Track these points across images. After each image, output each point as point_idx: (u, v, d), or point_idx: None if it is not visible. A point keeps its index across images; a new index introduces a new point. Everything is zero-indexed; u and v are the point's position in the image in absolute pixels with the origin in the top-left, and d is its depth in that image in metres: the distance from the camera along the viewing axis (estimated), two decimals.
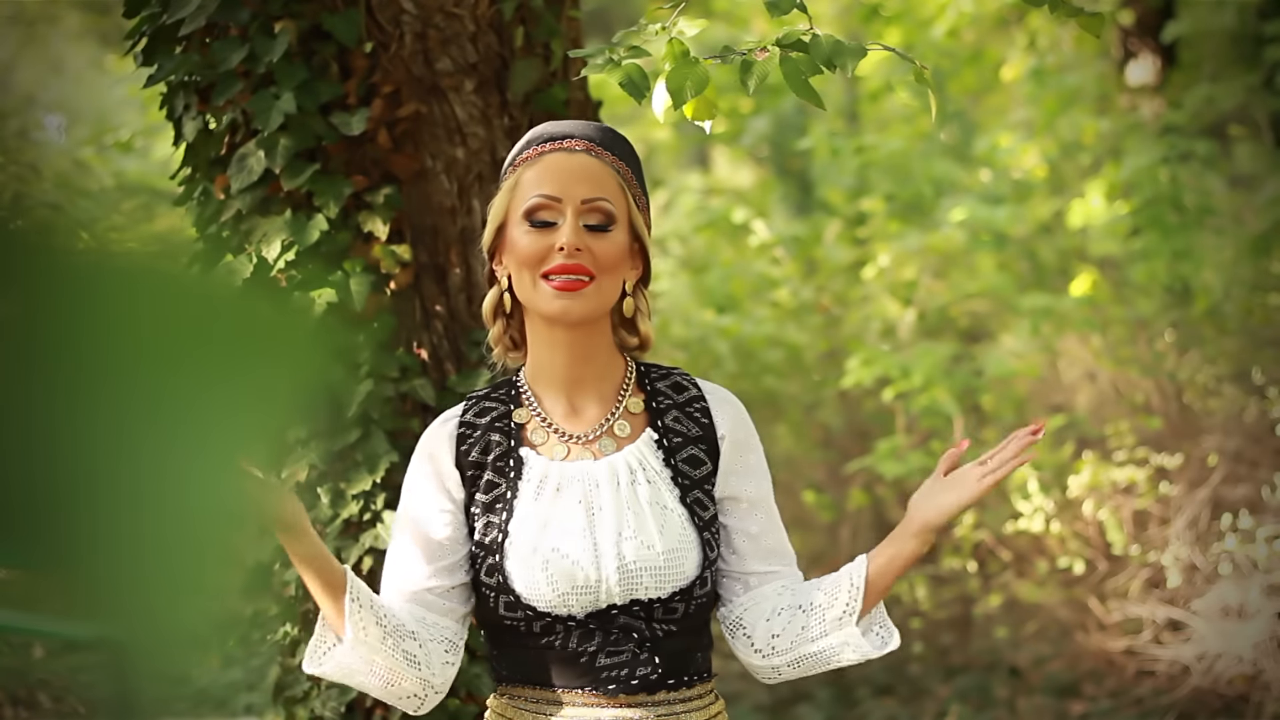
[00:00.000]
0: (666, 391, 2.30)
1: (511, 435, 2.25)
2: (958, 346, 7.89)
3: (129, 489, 0.70)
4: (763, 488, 2.29)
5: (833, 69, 2.41)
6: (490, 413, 2.27)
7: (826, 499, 7.97)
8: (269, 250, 3.23)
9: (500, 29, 3.36)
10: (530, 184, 2.22)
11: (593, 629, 2.17)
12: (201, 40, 3.30)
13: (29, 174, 6.80)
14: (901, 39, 9.59)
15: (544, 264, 2.18)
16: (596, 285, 2.19)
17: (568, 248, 2.16)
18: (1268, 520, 6.25)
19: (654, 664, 2.17)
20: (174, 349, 0.71)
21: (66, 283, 0.69)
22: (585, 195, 2.20)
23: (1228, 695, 6.35)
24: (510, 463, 2.23)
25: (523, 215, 2.21)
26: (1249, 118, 9.13)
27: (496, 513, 2.21)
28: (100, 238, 0.71)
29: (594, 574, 2.15)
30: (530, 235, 2.19)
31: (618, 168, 2.26)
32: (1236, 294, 7.46)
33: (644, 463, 2.23)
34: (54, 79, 14.98)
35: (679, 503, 2.21)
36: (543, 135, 2.28)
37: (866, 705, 7.23)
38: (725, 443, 2.28)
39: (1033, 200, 8.80)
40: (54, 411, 0.69)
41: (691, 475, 2.25)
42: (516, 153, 2.30)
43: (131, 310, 0.70)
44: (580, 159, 2.23)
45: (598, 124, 2.32)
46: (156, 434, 0.70)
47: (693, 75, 2.39)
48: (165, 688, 0.74)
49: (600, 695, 2.17)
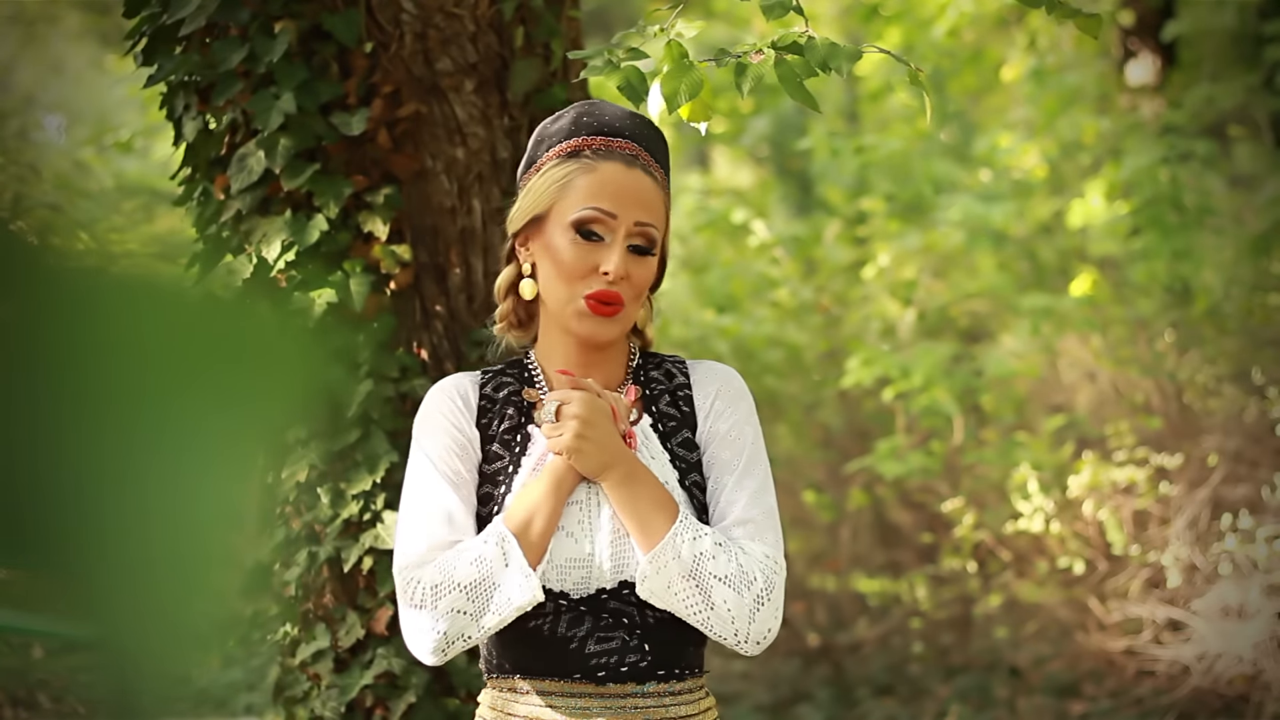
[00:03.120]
0: (659, 378, 2.33)
1: (523, 412, 2.28)
2: (958, 346, 7.89)
3: (128, 492, 0.70)
4: (725, 454, 2.26)
5: (828, 71, 2.41)
6: (506, 387, 2.30)
7: (826, 499, 7.97)
8: (269, 250, 3.23)
9: (500, 29, 3.36)
10: (585, 193, 2.21)
11: (583, 612, 2.18)
12: (201, 40, 3.30)
13: (29, 174, 6.80)
14: (901, 39, 9.59)
15: (585, 281, 2.20)
16: (626, 311, 2.22)
17: (614, 274, 2.18)
18: (1268, 520, 6.25)
19: (644, 651, 2.18)
20: (171, 352, 0.71)
21: (64, 285, 0.69)
22: (639, 219, 2.21)
23: (1228, 695, 6.35)
24: (517, 438, 2.26)
25: (572, 223, 2.20)
26: (1249, 118, 9.13)
27: (496, 484, 2.24)
28: (99, 239, 0.71)
29: (588, 547, 2.18)
30: (577, 247, 2.20)
31: (664, 186, 2.27)
32: (1236, 294, 7.46)
33: (645, 443, 2.26)
34: (54, 79, 14.98)
35: (678, 485, 2.24)
36: (594, 124, 2.26)
37: (866, 705, 7.23)
38: (700, 414, 2.30)
39: (1033, 200, 8.80)
40: (52, 414, 0.69)
41: (688, 459, 2.27)
42: (560, 134, 2.27)
43: (129, 313, 0.70)
44: (637, 177, 2.22)
45: (642, 120, 2.31)
46: (154, 436, 0.70)
47: (688, 79, 2.39)
48: (166, 688, 0.74)
49: (590, 683, 2.18)
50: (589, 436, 2.16)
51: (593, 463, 2.17)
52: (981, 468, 7.38)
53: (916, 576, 7.81)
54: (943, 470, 7.46)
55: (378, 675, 3.22)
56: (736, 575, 2.15)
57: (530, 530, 2.14)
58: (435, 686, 3.24)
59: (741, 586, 2.15)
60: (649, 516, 2.15)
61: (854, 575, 8.23)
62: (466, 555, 2.14)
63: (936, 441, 7.46)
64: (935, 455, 7.36)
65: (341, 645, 3.26)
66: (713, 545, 2.15)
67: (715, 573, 2.14)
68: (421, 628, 2.14)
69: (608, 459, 2.17)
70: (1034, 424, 7.77)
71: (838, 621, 8.10)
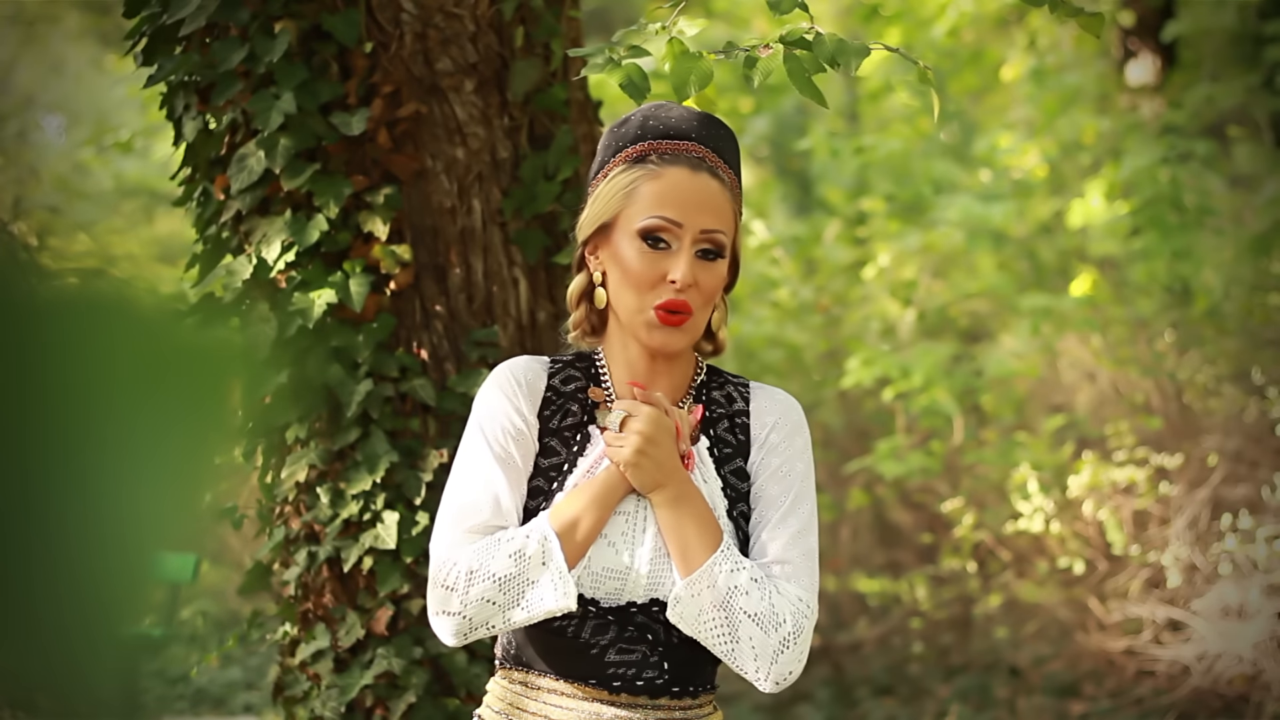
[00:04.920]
0: (720, 401, 2.31)
1: (586, 410, 2.26)
2: (958, 346, 7.89)
3: (50, 514, 0.70)
4: (774, 490, 2.25)
5: (836, 67, 2.41)
6: (573, 382, 2.28)
7: (826, 499, 7.96)
8: (269, 251, 3.23)
9: (500, 29, 3.35)
10: (651, 201, 2.19)
11: (610, 622, 2.17)
12: (201, 40, 3.30)
13: (29, 175, 6.80)
14: (901, 39, 9.59)
15: (654, 290, 2.18)
16: (695, 319, 2.20)
17: (681, 283, 2.16)
18: (1268, 520, 6.25)
19: (662, 669, 2.18)
20: (100, 373, 0.70)
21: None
22: (705, 226, 2.18)
23: (1228, 695, 6.35)
24: (578, 436, 2.24)
25: (638, 231, 2.18)
26: (1249, 118, 9.13)
27: (550, 480, 2.22)
28: (98, 240, 0.71)
29: (627, 559, 2.16)
30: (645, 257, 2.18)
31: (733, 187, 2.25)
32: (1236, 294, 7.46)
33: (700, 466, 2.25)
34: (54, 79, 14.99)
35: (725, 514, 2.22)
36: (659, 128, 2.23)
37: (866, 705, 7.23)
38: (755, 444, 2.29)
39: (1033, 200, 8.80)
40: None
41: (738, 488, 2.26)
42: (626, 138, 2.24)
43: (62, 330, 0.69)
44: (704, 182, 2.20)
45: (710, 119, 2.27)
46: (76, 452, 0.70)
47: (697, 70, 2.39)
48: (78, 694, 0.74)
49: (604, 690, 2.18)
50: (649, 454, 2.15)
51: (648, 479, 2.16)
52: (981, 468, 7.38)
53: (916, 576, 7.81)
54: (943, 470, 7.46)
55: (378, 675, 3.21)
56: (767, 614, 2.14)
57: (574, 533, 2.14)
58: (435, 686, 3.23)
59: (770, 627, 2.14)
60: (692, 541, 2.15)
61: (854, 575, 8.23)
62: (506, 547, 2.13)
63: (936, 441, 7.46)
64: (935, 455, 7.36)
65: (341, 645, 3.26)
66: (748, 580, 2.14)
67: (746, 608, 2.13)
68: (449, 609, 2.13)
69: (663, 477, 2.16)
70: (1034, 424, 7.78)
71: (838, 621, 8.10)
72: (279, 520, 3.37)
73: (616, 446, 2.17)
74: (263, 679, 7.97)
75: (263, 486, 3.38)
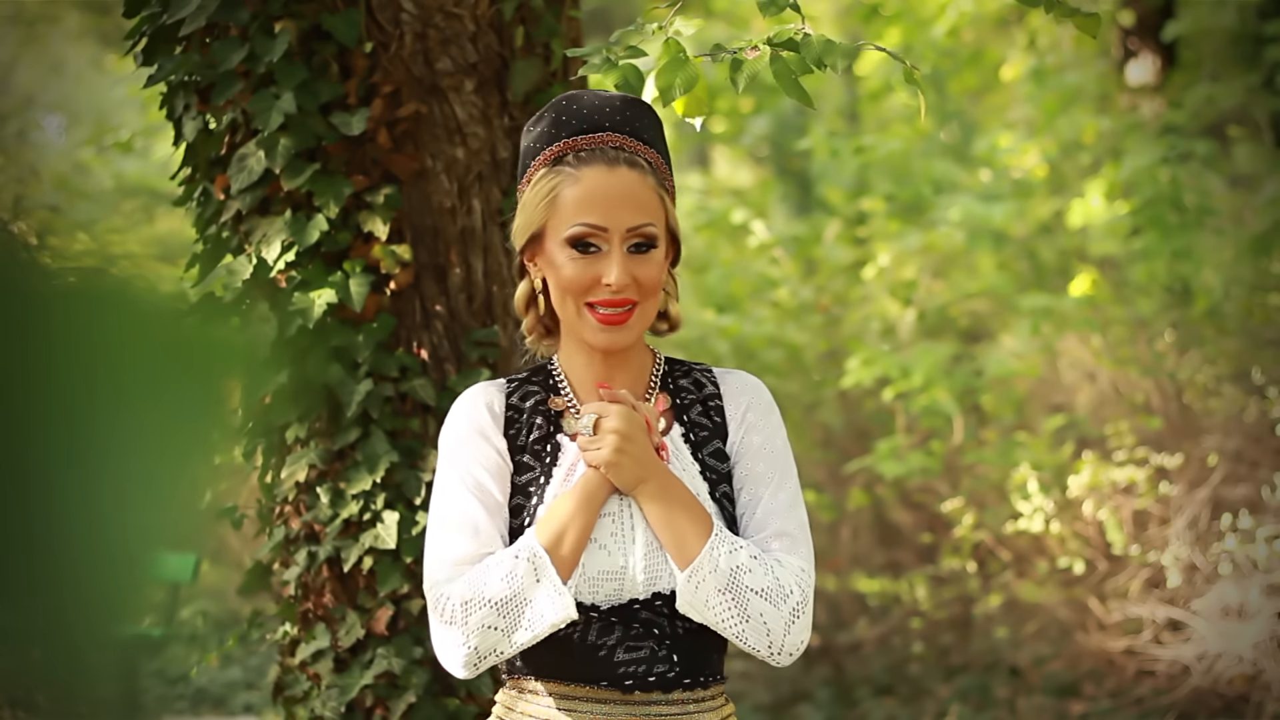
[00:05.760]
0: (688, 388, 2.31)
1: (551, 421, 2.26)
2: (958, 346, 7.89)
3: (51, 514, 0.70)
4: (760, 467, 2.26)
5: (823, 68, 2.41)
6: (532, 396, 2.28)
7: (826, 499, 7.97)
8: (269, 251, 3.23)
9: (500, 29, 3.35)
10: (572, 208, 2.17)
11: (614, 622, 2.17)
12: (201, 40, 3.30)
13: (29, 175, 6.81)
14: (901, 39, 9.59)
15: (589, 294, 2.17)
16: (640, 311, 2.19)
17: (616, 284, 2.15)
18: (1268, 520, 6.25)
19: (672, 661, 2.18)
20: (100, 373, 0.70)
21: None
22: (631, 224, 2.17)
23: (1228, 695, 6.35)
24: (548, 448, 2.24)
25: (566, 241, 2.17)
26: (1249, 118, 9.13)
27: (528, 496, 2.22)
28: (99, 239, 0.71)
29: (621, 560, 2.16)
30: (575, 263, 2.17)
31: (656, 170, 2.22)
32: (1236, 294, 7.46)
33: (676, 455, 2.25)
34: (54, 79, 14.99)
35: (709, 497, 2.22)
36: (573, 124, 2.21)
37: (866, 705, 7.24)
38: (732, 426, 2.29)
39: (1033, 200, 8.80)
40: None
41: (719, 470, 2.26)
42: (541, 139, 2.23)
43: (59, 336, 0.69)
44: (622, 177, 2.17)
45: (623, 101, 2.25)
46: (80, 457, 0.70)
47: (682, 74, 2.39)
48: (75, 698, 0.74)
49: (616, 691, 2.17)
50: (628, 451, 2.15)
51: (630, 476, 2.16)
52: (981, 468, 7.38)
53: (916, 576, 7.81)
54: (943, 470, 7.46)
55: (378, 675, 3.21)
56: (774, 588, 2.14)
57: (562, 545, 2.13)
58: (435, 686, 3.23)
59: (778, 600, 2.14)
60: (684, 531, 2.15)
61: (854, 575, 8.23)
62: (497, 571, 2.13)
63: (936, 441, 7.46)
64: (935, 455, 7.36)
65: (341, 645, 3.26)
66: (749, 558, 2.15)
67: (752, 586, 2.14)
68: (453, 643, 2.13)
69: (644, 472, 2.16)
70: (1034, 424, 7.78)
71: (838, 621, 8.10)
72: (279, 520, 3.37)
73: (593, 449, 2.17)
74: (263, 679, 7.97)
75: (263, 486, 3.38)
